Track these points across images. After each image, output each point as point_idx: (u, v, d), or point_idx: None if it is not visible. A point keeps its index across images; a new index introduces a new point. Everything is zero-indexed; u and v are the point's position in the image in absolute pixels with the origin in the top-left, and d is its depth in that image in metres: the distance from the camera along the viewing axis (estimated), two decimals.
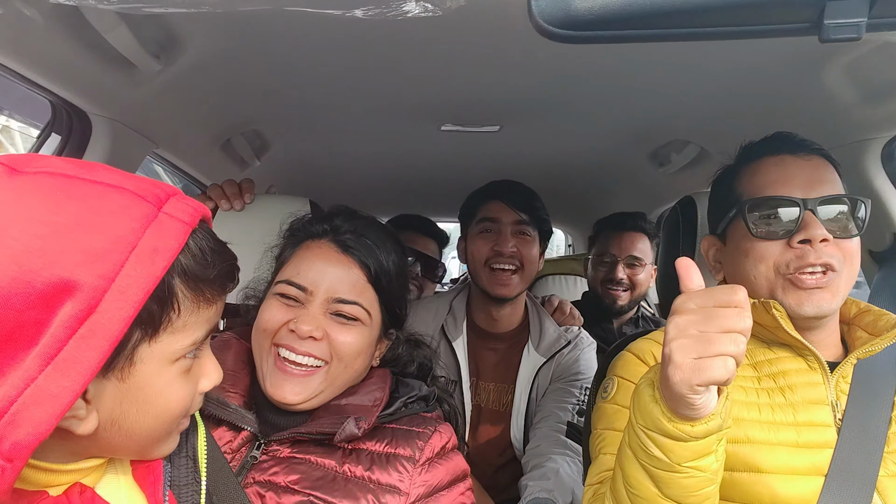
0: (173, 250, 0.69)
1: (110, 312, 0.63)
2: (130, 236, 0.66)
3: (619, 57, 1.43)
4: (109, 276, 0.63)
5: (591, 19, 0.52)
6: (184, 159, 2.01)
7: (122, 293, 0.64)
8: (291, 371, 1.11)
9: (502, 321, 2.03)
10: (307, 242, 1.19)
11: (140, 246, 0.66)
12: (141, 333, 0.70)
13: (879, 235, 1.59)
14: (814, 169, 1.21)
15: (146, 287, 0.66)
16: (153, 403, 0.75)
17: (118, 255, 0.64)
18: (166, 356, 0.74)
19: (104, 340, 0.63)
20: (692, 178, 2.32)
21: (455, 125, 2.05)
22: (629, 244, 2.51)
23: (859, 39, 0.52)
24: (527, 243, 1.94)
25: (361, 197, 3.20)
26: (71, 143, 1.48)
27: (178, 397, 0.78)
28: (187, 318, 0.74)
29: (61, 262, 0.62)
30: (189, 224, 0.72)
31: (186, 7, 0.91)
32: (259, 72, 1.55)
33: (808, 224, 1.16)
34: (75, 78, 1.29)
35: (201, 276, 0.74)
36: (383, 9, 0.86)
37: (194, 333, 0.76)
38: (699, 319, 0.85)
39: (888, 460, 1.11)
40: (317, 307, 1.13)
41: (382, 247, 1.19)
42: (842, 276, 1.17)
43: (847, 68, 1.36)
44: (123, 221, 0.66)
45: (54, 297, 0.61)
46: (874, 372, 1.19)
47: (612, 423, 1.25)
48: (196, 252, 0.73)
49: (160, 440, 0.81)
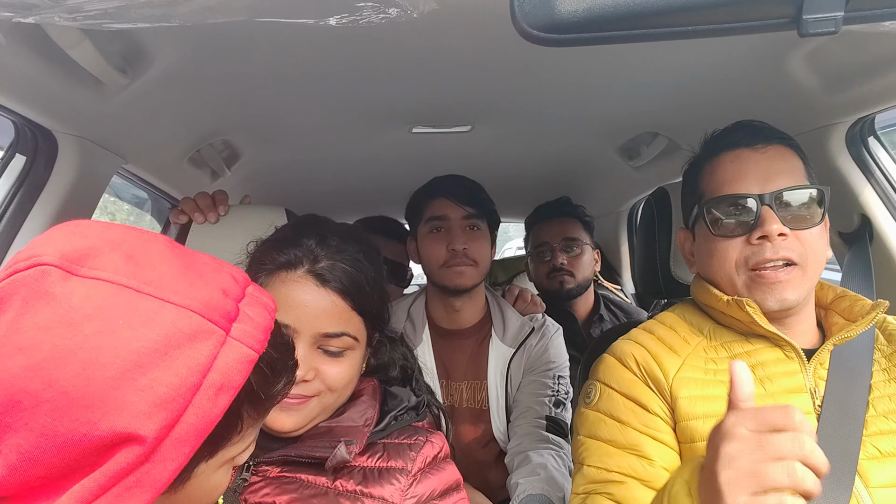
0: (238, 386, 0.63)
1: (163, 464, 0.58)
2: (196, 377, 0.59)
3: (586, 52, 1.44)
4: (169, 424, 0.57)
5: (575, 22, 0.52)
6: (154, 174, 1.97)
7: (178, 442, 0.58)
8: (287, 402, 1.08)
9: (463, 315, 2.03)
10: (280, 274, 1.11)
11: (205, 386, 0.59)
12: (202, 454, 0.65)
13: (847, 218, 1.64)
14: (770, 161, 1.22)
15: (206, 431, 0.60)
16: (200, 501, 0.72)
17: (182, 400, 0.58)
18: (220, 463, 0.70)
19: (150, 490, 0.58)
20: (663, 169, 2.36)
21: (426, 127, 2.05)
22: (561, 229, 2.53)
23: (837, 33, 0.54)
24: (478, 238, 1.95)
25: (335, 202, 3.18)
26: (37, 163, 1.43)
27: (221, 489, 0.74)
28: (246, 430, 0.70)
29: (125, 412, 0.55)
30: (258, 352, 0.65)
31: (154, 22, 0.89)
32: (227, 81, 1.53)
33: (764, 220, 1.17)
34: (39, 96, 1.25)
35: (267, 394, 0.69)
36: (356, 16, 0.85)
37: (249, 439, 0.73)
38: (750, 448, 0.79)
39: (868, 444, 1.13)
40: (303, 347, 1.08)
41: (360, 266, 1.14)
42: (805, 269, 1.18)
43: (809, 56, 1.39)
44: (190, 357, 0.59)
45: (113, 448, 0.56)
46: (851, 357, 1.21)
47: (593, 431, 1.26)
48: (264, 371, 0.68)
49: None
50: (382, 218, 2.85)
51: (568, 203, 2.63)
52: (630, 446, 1.20)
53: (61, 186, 1.46)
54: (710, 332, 1.30)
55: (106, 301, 0.58)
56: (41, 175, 1.44)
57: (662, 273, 1.65)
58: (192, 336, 0.59)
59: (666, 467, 1.18)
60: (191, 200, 1.59)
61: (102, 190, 1.66)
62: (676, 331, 1.31)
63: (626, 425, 1.22)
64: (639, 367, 1.26)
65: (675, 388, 1.21)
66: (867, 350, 1.24)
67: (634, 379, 1.26)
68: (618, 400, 1.25)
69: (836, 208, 1.24)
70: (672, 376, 1.22)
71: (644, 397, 1.23)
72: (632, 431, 1.21)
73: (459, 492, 1.18)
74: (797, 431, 0.77)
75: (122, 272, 0.60)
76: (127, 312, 0.58)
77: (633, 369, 1.26)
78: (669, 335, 1.30)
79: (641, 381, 1.25)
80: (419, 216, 2.01)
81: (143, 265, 0.62)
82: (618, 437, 1.22)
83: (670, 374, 1.23)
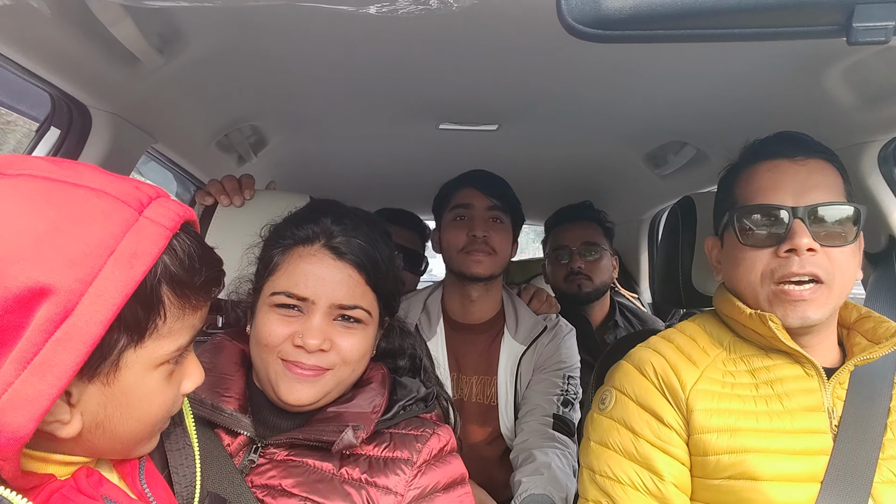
0: (153, 255, 0.69)
1: (87, 315, 0.63)
2: (109, 241, 0.66)
3: (618, 58, 1.43)
4: (86, 279, 0.63)
5: (622, 18, 0.52)
6: (181, 155, 1.99)
7: (99, 296, 0.64)
8: (303, 374, 1.10)
9: (478, 308, 2.04)
10: (297, 249, 1.15)
11: (119, 250, 0.66)
12: (127, 339, 0.70)
13: (875, 238, 1.61)
14: (808, 174, 1.19)
15: (124, 290, 0.66)
16: (137, 407, 0.75)
17: (96, 259, 0.64)
18: (151, 361, 0.74)
19: (81, 344, 0.63)
20: (689, 179, 2.34)
21: (453, 124, 2.06)
22: (581, 233, 2.52)
23: (887, 43, 0.53)
24: (499, 229, 1.96)
25: (358, 193, 3.19)
26: (70, 137, 1.46)
27: (160, 400, 0.78)
28: (173, 324, 0.74)
29: (38, 266, 0.61)
30: (170, 228, 0.72)
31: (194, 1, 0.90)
32: (260, 66, 1.54)
33: (795, 233, 1.15)
34: (77, 71, 1.27)
35: (187, 282, 0.74)
36: (396, 5, 0.86)
37: (179, 339, 0.76)
38: None
39: (884, 467, 1.12)
40: (320, 316, 1.11)
41: (374, 244, 1.17)
42: (831, 287, 1.15)
43: (846, 71, 1.37)
44: (103, 226, 0.66)
45: (31, 300, 0.61)
46: (871, 378, 1.20)
47: (605, 438, 1.26)
48: (182, 257, 0.73)
49: (141, 442, 0.82)
50: (398, 209, 2.88)
51: (590, 207, 2.62)
52: (641, 459, 1.20)
53: (93, 161, 1.48)
54: (730, 344, 1.28)
55: (28, 187, 0.65)
56: (74, 149, 1.47)
57: (683, 283, 1.63)
58: (106, 210, 0.67)
59: (675, 483, 1.18)
60: (217, 183, 1.60)
61: (132, 168, 1.68)
62: (696, 341, 1.30)
63: (640, 437, 1.22)
64: (657, 377, 1.25)
65: (691, 399, 1.20)
66: (888, 372, 1.22)
67: (651, 388, 1.25)
68: (632, 408, 1.25)
69: (864, 228, 1.22)
70: (689, 388, 1.21)
71: (659, 407, 1.22)
72: (644, 444, 1.21)
73: (464, 486, 1.18)
74: None
75: (45, 169, 0.68)
76: (47, 192, 0.66)
77: (651, 378, 1.25)
78: (689, 345, 1.29)
79: (658, 391, 1.24)
80: (445, 205, 2.04)
81: (67, 166, 0.70)
82: (630, 448, 1.22)
83: (688, 386, 1.22)
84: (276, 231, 1.22)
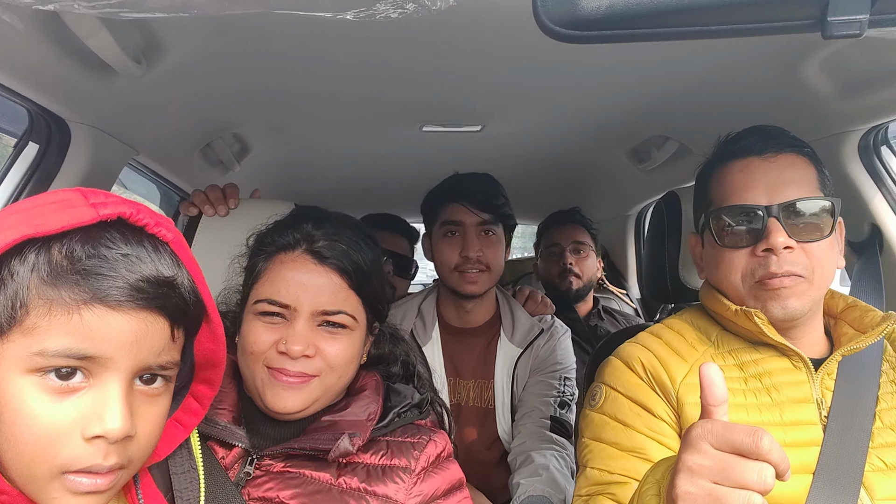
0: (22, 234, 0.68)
1: None
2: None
3: (599, 54, 1.44)
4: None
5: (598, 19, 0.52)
6: (164, 166, 1.98)
7: None
8: (289, 381, 1.09)
9: (473, 316, 2.04)
10: (279, 255, 1.15)
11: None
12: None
13: (858, 227, 1.63)
14: (779, 170, 1.20)
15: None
16: (10, 423, 0.69)
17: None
18: (19, 360, 0.69)
19: None
20: (673, 173, 2.35)
21: (437, 126, 2.05)
22: (571, 233, 2.81)
23: (861, 36, 0.53)
24: (492, 244, 1.95)
25: (344, 198, 3.18)
26: (49, 151, 1.44)
27: (41, 425, 0.69)
28: (37, 319, 0.69)
29: None
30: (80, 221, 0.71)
31: (171, 12, 0.89)
32: (241, 74, 1.54)
33: (770, 232, 1.15)
34: (54, 85, 1.26)
35: (57, 274, 0.70)
36: (373, 10, 0.85)
37: (45, 341, 0.69)
38: (712, 468, 0.76)
39: (874, 455, 1.13)
40: (303, 323, 1.10)
41: (357, 247, 1.16)
42: (811, 281, 1.16)
43: (823, 62, 1.39)
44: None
45: None
46: (859, 368, 1.21)
47: (598, 433, 1.26)
48: (63, 251, 0.70)
49: (35, 481, 0.70)
50: (385, 214, 2.88)
51: (579, 213, 2.91)
52: (634, 449, 1.20)
53: (73, 176, 1.47)
54: (718, 338, 1.29)
55: None
56: (53, 164, 1.45)
57: (671, 278, 1.64)
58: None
59: None
60: (201, 193, 1.59)
61: (113, 180, 1.66)
62: (684, 336, 1.31)
63: (631, 428, 1.22)
64: (645, 372, 1.25)
65: (681, 393, 1.21)
66: (876, 361, 1.23)
67: (640, 383, 1.25)
68: (623, 403, 1.25)
69: (846, 217, 1.23)
70: (679, 382, 1.22)
71: (650, 401, 1.23)
72: (637, 434, 1.21)
73: (463, 491, 1.18)
74: (762, 459, 0.74)
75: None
76: None
77: (640, 373, 1.26)
78: (677, 340, 1.30)
79: (647, 386, 1.24)
80: (434, 218, 2.02)
81: None
82: (622, 440, 1.22)
83: (677, 380, 1.22)
84: (259, 239, 1.22)
